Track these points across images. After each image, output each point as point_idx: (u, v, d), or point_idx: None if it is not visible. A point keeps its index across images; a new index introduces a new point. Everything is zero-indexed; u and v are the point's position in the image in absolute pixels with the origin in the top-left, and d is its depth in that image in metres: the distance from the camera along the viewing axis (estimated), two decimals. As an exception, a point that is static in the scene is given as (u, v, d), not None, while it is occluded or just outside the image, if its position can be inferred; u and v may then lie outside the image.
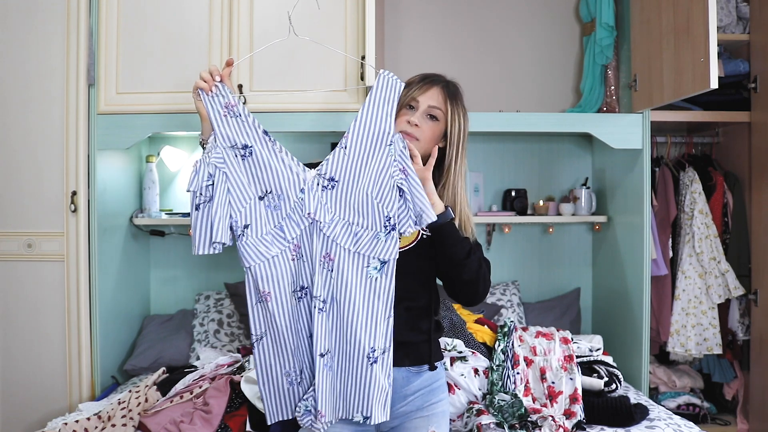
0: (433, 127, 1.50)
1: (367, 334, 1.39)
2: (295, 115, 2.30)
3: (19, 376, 2.31)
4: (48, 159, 2.30)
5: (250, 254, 1.42)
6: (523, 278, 3.01)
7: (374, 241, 1.41)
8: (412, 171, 1.41)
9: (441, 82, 1.53)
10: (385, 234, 1.41)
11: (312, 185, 1.43)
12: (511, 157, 3.00)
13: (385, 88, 1.45)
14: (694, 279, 2.67)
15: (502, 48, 3.00)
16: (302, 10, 2.22)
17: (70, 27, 2.28)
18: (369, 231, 1.42)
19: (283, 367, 1.45)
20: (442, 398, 1.52)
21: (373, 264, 1.41)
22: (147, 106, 2.28)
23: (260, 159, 1.43)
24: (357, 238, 1.41)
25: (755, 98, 2.62)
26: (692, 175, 2.74)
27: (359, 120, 1.43)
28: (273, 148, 1.44)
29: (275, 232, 1.43)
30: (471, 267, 1.45)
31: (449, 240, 1.43)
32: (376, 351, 1.39)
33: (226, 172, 1.43)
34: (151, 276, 2.89)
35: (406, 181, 1.41)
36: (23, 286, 2.31)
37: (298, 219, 1.42)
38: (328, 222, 1.41)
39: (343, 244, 1.41)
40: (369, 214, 1.42)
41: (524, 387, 2.05)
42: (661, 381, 2.79)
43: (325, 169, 1.43)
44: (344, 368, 1.41)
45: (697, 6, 2.03)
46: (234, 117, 1.44)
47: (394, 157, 1.42)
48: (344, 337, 1.40)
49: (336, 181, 1.43)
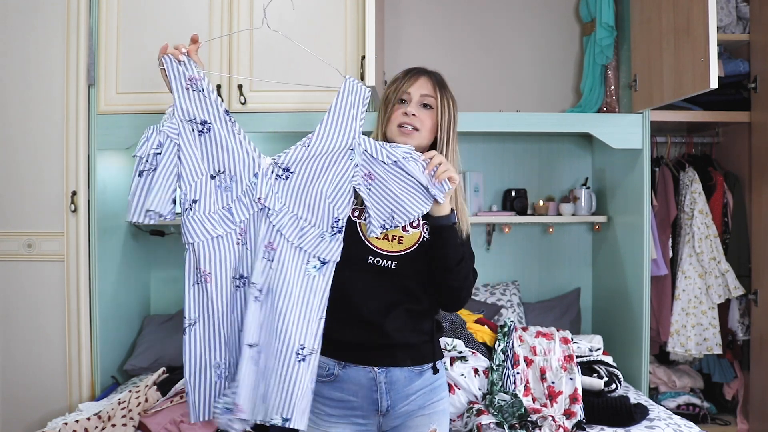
0: (429, 115, 1.51)
1: (298, 330, 1.37)
2: (295, 115, 2.30)
3: (19, 376, 2.31)
4: (48, 159, 2.30)
5: (195, 229, 1.41)
6: (523, 278, 3.01)
7: (318, 240, 1.41)
8: (380, 176, 1.41)
9: (426, 72, 1.55)
10: (331, 234, 1.42)
11: (266, 171, 1.42)
12: (511, 157, 3.00)
13: (350, 93, 1.46)
14: (694, 279, 2.67)
15: (502, 48, 3.00)
16: (302, 10, 2.23)
17: (70, 27, 2.28)
18: (315, 228, 1.42)
19: (213, 357, 1.42)
20: (443, 397, 1.53)
21: (313, 262, 1.41)
22: (147, 106, 2.28)
23: (217, 137, 1.42)
24: (302, 233, 1.41)
25: (755, 98, 2.62)
26: (692, 175, 2.74)
27: (323, 124, 1.44)
28: (232, 128, 1.43)
29: (222, 212, 1.42)
30: (459, 275, 1.45)
31: (446, 243, 1.43)
32: (305, 349, 1.38)
33: (178, 144, 1.41)
34: (151, 276, 2.89)
35: (374, 185, 1.41)
36: (23, 286, 2.31)
37: (248, 203, 1.42)
38: (276, 210, 1.41)
39: (287, 235, 1.40)
40: (318, 211, 1.42)
41: (524, 387, 2.05)
42: (661, 381, 2.79)
43: (283, 159, 1.43)
44: (269, 365, 1.37)
45: (697, 6, 2.03)
46: (196, 91, 1.42)
47: (356, 162, 1.43)
48: (274, 331, 1.37)
49: (291, 173, 1.43)
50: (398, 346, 1.46)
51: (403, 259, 1.46)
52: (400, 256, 1.46)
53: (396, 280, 1.46)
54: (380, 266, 1.45)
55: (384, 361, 1.46)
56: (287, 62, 2.28)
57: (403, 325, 1.47)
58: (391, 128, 1.50)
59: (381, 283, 1.45)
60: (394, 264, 1.46)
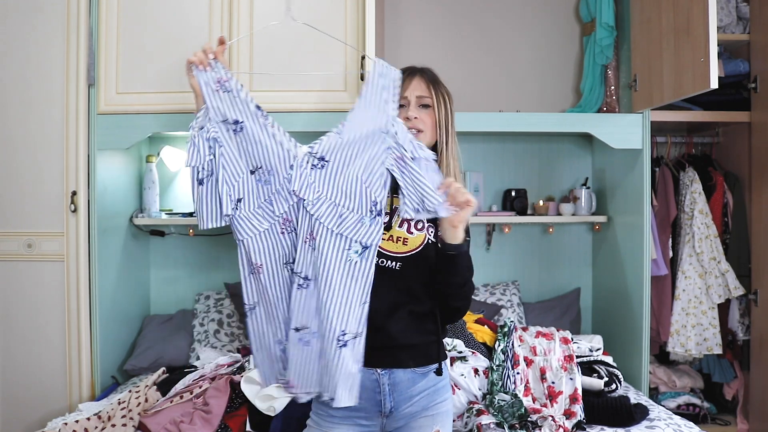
0: (429, 114, 1.52)
1: (340, 316, 1.39)
2: (295, 115, 2.30)
3: (19, 376, 2.31)
4: (48, 159, 2.30)
5: (243, 227, 1.43)
6: (523, 278, 3.01)
7: (359, 225, 1.41)
8: (411, 160, 1.41)
9: (418, 71, 1.56)
10: (371, 218, 1.42)
11: (302, 162, 1.43)
12: (511, 157, 3.00)
13: (381, 75, 1.45)
14: (694, 279, 2.67)
15: (502, 48, 3.00)
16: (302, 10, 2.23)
17: (70, 27, 2.28)
18: (355, 213, 1.42)
19: (275, 335, 1.46)
20: (446, 398, 1.52)
21: (355, 247, 1.41)
22: (147, 106, 2.28)
23: (251, 134, 1.44)
24: (342, 219, 1.41)
25: (755, 98, 2.62)
26: (692, 175, 2.74)
27: (356, 108, 1.44)
28: (265, 123, 1.44)
29: (265, 206, 1.44)
30: (461, 295, 1.48)
31: (456, 270, 1.44)
32: (347, 335, 1.39)
33: (222, 146, 1.44)
34: (151, 276, 2.89)
35: (406, 169, 1.41)
36: (23, 286, 2.31)
37: (287, 194, 1.43)
38: (312, 200, 1.42)
39: (326, 223, 1.41)
40: (356, 196, 1.42)
41: (524, 387, 2.05)
42: (661, 381, 2.79)
43: (317, 148, 1.44)
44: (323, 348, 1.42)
45: (697, 6, 2.03)
46: (226, 92, 1.44)
47: (389, 144, 1.43)
48: (321, 317, 1.41)
49: (326, 161, 1.43)
50: (401, 348, 1.46)
51: (408, 260, 1.46)
52: (405, 257, 1.46)
53: (399, 281, 1.46)
54: (384, 267, 1.45)
55: (387, 363, 1.46)
56: (287, 62, 2.28)
57: (407, 326, 1.47)
58: None
59: (384, 283, 1.45)
60: (398, 265, 1.46)
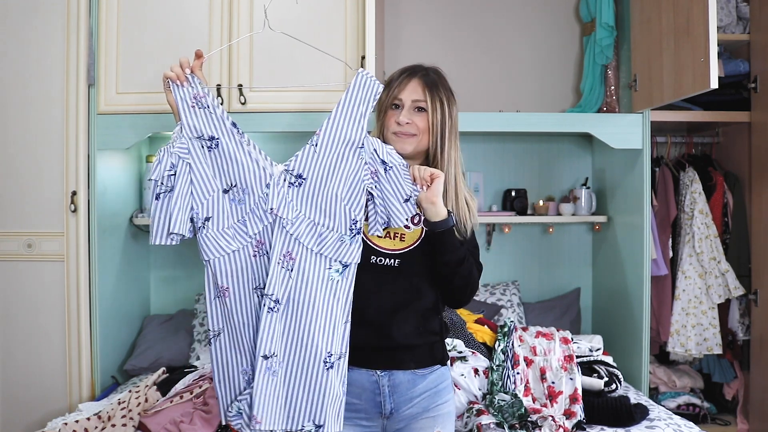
0: (424, 118, 1.47)
1: (325, 338, 1.37)
2: (295, 115, 2.30)
3: (19, 376, 2.31)
4: (48, 159, 2.30)
5: (209, 247, 1.39)
6: (523, 278, 3.01)
7: (338, 244, 1.39)
8: (383, 176, 1.40)
9: (419, 72, 1.51)
10: (350, 237, 1.39)
11: (278, 180, 1.39)
12: (511, 157, 3.00)
13: (361, 88, 1.41)
14: (694, 279, 2.67)
15: (502, 48, 3.00)
16: (302, 10, 2.23)
17: (70, 27, 2.28)
18: (334, 232, 1.40)
19: (240, 365, 1.42)
20: (448, 399, 1.51)
21: (335, 267, 1.39)
22: (147, 106, 2.28)
23: (226, 151, 1.40)
24: (321, 239, 1.39)
25: (755, 98, 2.62)
26: (692, 175, 2.74)
27: (332, 119, 1.41)
28: (240, 141, 1.41)
29: (237, 226, 1.40)
30: (462, 274, 1.44)
31: (445, 247, 1.42)
32: (333, 356, 1.37)
33: (189, 163, 1.40)
34: (151, 276, 2.89)
35: (378, 185, 1.40)
36: (23, 286, 2.31)
37: (262, 214, 1.39)
38: (291, 219, 1.38)
39: (306, 243, 1.38)
40: (336, 215, 1.40)
41: (524, 387, 2.05)
42: (661, 381, 2.79)
43: (293, 165, 1.40)
44: (294, 374, 1.37)
45: (697, 6, 2.03)
46: (202, 108, 1.41)
47: (365, 160, 1.40)
48: (299, 340, 1.37)
49: (303, 179, 1.40)
50: (401, 349, 1.45)
51: (407, 256, 1.45)
52: (403, 253, 1.46)
53: (400, 279, 1.45)
54: (383, 265, 1.45)
55: (386, 364, 1.45)
56: (288, 62, 2.28)
57: (411, 327, 1.46)
58: (388, 134, 1.49)
59: (385, 282, 1.45)
60: (397, 262, 1.45)
